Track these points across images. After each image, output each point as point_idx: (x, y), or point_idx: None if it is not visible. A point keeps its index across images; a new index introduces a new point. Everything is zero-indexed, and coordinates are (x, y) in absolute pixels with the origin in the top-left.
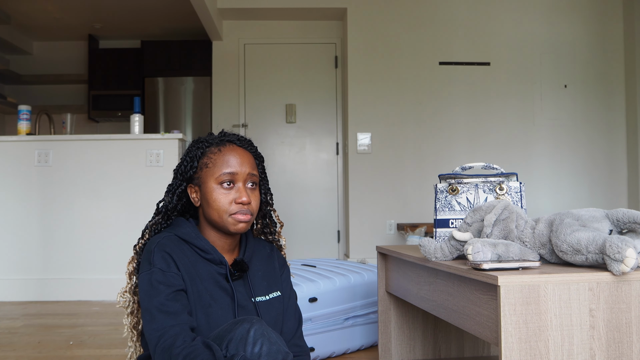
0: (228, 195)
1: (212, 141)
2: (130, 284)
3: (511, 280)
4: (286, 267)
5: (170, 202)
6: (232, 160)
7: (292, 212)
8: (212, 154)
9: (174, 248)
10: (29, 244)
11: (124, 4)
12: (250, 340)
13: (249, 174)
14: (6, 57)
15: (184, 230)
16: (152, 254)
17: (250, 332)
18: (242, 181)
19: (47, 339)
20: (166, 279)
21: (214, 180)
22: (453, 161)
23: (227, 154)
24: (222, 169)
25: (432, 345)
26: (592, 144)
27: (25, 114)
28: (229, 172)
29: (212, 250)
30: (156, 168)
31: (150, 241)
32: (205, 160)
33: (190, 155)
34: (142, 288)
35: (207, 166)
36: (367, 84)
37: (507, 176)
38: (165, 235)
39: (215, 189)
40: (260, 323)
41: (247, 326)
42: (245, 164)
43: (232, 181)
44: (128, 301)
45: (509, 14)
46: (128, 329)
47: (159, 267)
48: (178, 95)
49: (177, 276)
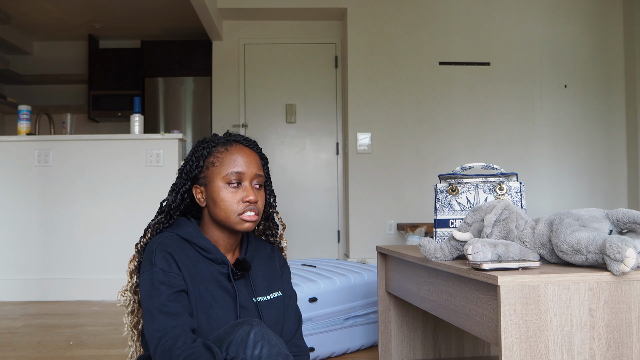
0: (235, 195)
1: (219, 141)
2: (131, 283)
3: (511, 280)
4: (287, 267)
5: (174, 201)
6: (239, 159)
7: (292, 212)
8: (219, 153)
9: (175, 248)
10: (29, 244)
11: (124, 4)
12: (250, 342)
13: (255, 174)
14: (6, 57)
15: (186, 230)
16: (153, 254)
17: (250, 335)
18: (248, 180)
19: (47, 339)
20: (167, 279)
21: (221, 179)
22: (453, 161)
23: (235, 153)
24: (229, 167)
25: (432, 345)
26: (592, 144)
27: (25, 114)
28: (237, 171)
29: (214, 250)
30: (156, 168)
31: (151, 241)
32: (212, 160)
33: (196, 154)
34: (144, 288)
35: (214, 165)
36: (367, 84)
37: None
38: (167, 235)
39: (222, 187)
40: (261, 325)
41: (247, 328)
42: (252, 164)
43: (239, 180)
44: (129, 300)
45: (509, 14)
46: (128, 328)
47: (160, 267)
48: (178, 95)
49: (178, 277)
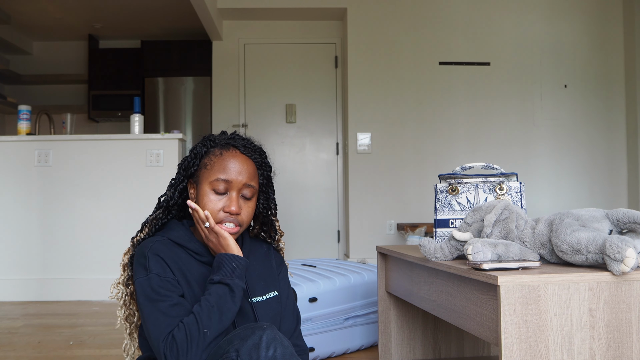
0: (218, 203)
1: (218, 142)
2: (124, 276)
3: (511, 280)
4: (283, 266)
5: (172, 197)
6: (230, 166)
7: (292, 212)
8: (214, 155)
9: (167, 252)
10: (29, 244)
11: (124, 4)
12: (263, 345)
13: (244, 184)
14: (6, 57)
15: (177, 234)
16: (147, 260)
17: (263, 338)
18: (236, 190)
19: (47, 339)
20: (164, 283)
21: (208, 184)
22: (453, 161)
23: (227, 160)
24: (217, 174)
25: (432, 345)
26: (592, 144)
27: (25, 114)
28: (223, 178)
29: (207, 253)
30: (156, 168)
31: (143, 244)
32: (206, 161)
33: (195, 151)
34: (142, 293)
35: (205, 167)
36: (367, 84)
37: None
38: (158, 239)
39: (207, 192)
40: (272, 328)
41: (260, 333)
42: (243, 173)
43: (226, 189)
44: (121, 293)
45: (509, 14)
46: (121, 320)
47: (155, 272)
48: (178, 95)
49: (173, 281)
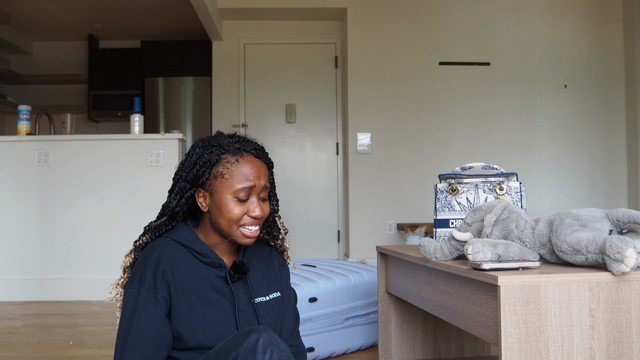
0: (242, 208)
1: (229, 148)
2: (123, 278)
3: (511, 280)
4: (285, 267)
5: (178, 205)
6: (250, 173)
7: (292, 212)
8: (229, 163)
9: (169, 260)
10: (29, 244)
11: (124, 4)
12: (259, 349)
13: (263, 187)
14: (6, 57)
15: (182, 235)
16: (145, 270)
17: (259, 342)
18: (256, 195)
19: (47, 339)
20: (151, 301)
21: (230, 193)
22: (453, 161)
23: (245, 166)
24: (240, 182)
25: (432, 345)
26: (592, 144)
27: (25, 114)
28: (248, 186)
29: (211, 254)
30: (156, 168)
31: (147, 248)
32: (221, 170)
33: (203, 159)
34: (128, 305)
35: (223, 176)
36: (367, 84)
37: (507, 176)
38: (163, 242)
39: (229, 201)
40: (268, 331)
41: (255, 336)
42: (262, 177)
43: (248, 194)
44: (120, 294)
45: (509, 14)
46: None
47: (147, 287)
48: (178, 95)
49: (162, 300)
